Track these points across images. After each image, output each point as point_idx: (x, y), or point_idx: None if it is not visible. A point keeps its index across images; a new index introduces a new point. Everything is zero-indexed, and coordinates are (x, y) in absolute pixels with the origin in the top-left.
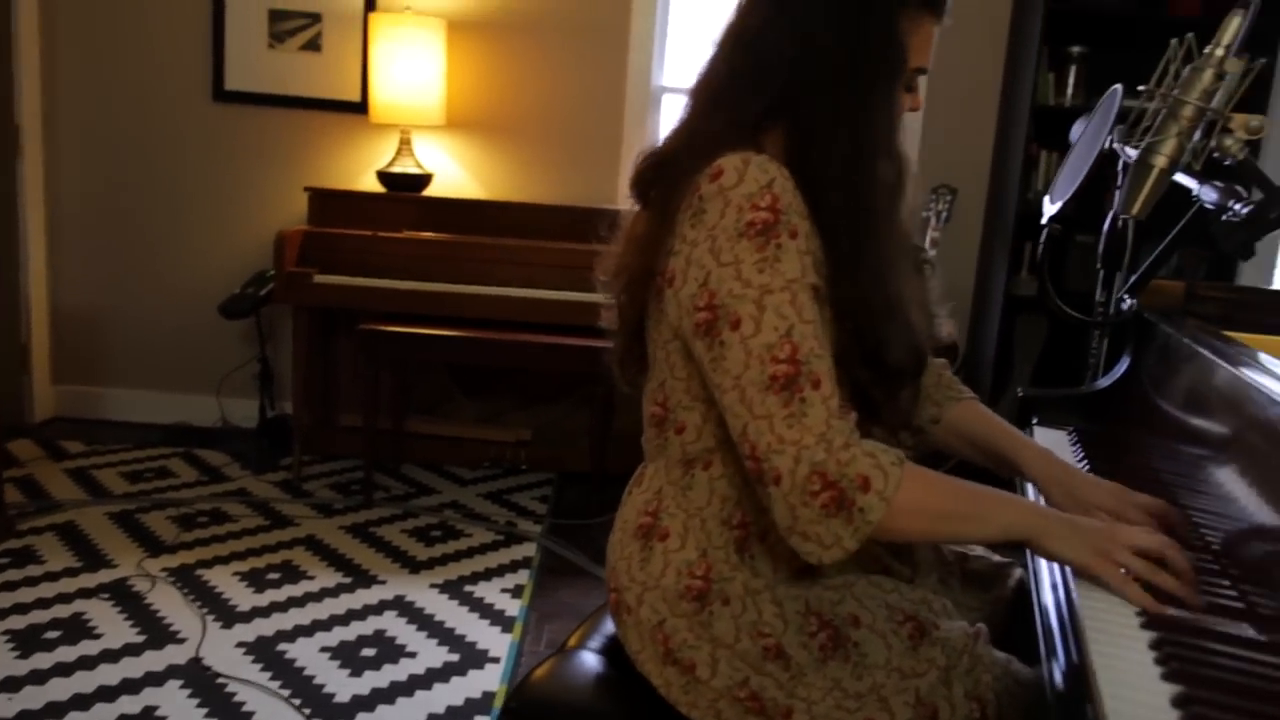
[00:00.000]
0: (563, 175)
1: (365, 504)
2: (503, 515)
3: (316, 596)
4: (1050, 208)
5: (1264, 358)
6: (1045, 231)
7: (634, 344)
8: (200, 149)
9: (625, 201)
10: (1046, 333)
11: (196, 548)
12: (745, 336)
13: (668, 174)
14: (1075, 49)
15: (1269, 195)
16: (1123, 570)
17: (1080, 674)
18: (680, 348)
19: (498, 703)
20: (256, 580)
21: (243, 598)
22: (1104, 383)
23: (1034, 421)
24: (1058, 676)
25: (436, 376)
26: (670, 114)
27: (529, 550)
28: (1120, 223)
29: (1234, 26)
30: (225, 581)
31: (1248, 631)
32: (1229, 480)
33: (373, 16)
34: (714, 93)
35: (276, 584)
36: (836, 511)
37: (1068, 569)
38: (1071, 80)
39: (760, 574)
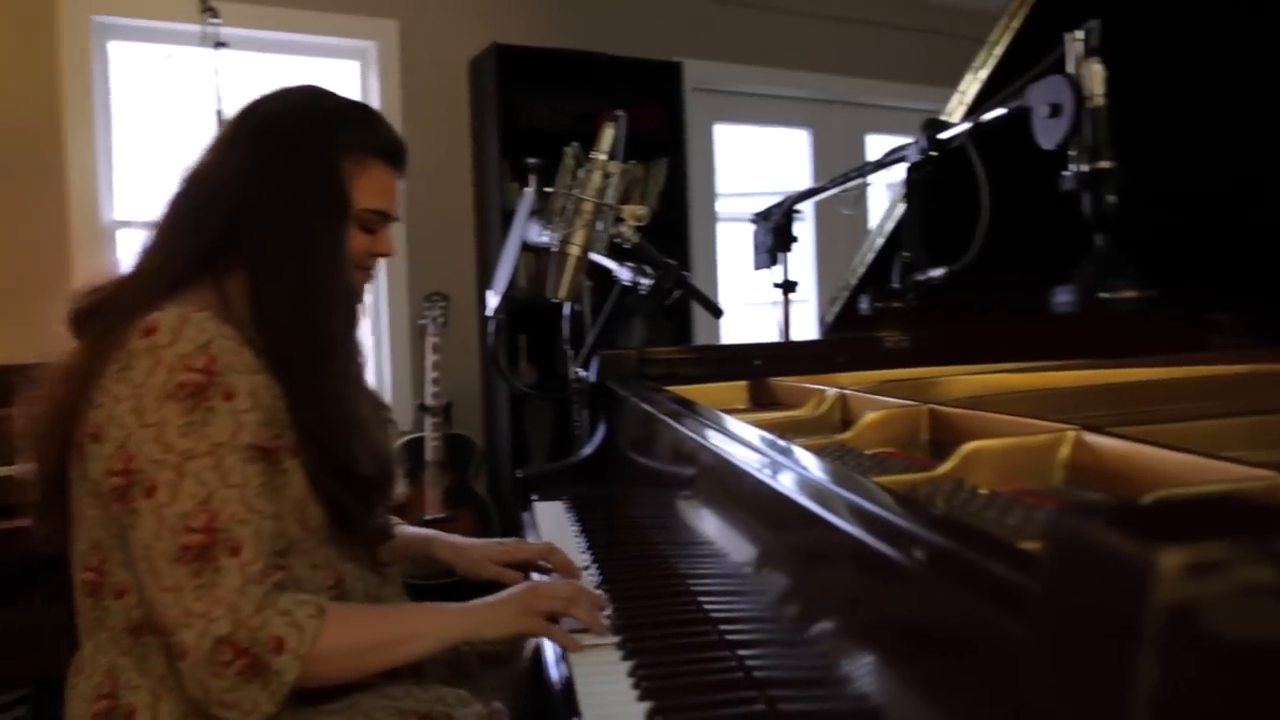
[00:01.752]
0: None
1: None
2: None
3: None
4: (492, 300)
5: (706, 412)
6: (493, 322)
7: (55, 494)
8: None
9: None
10: (554, 414)
11: None
12: (159, 505)
13: (107, 311)
14: (531, 160)
15: (664, 271)
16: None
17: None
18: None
19: None
20: None
21: None
22: (588, 451)
23: (533, 498)
24: None
25: None
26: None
27: None
28: (577, 307)
29: (609, 135)
30: None
31: (722, 668)
32: (693, 515)
33: None
34: (162, 230)
35: None
36: (252, 677)
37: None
38: (532, 186)
39: None
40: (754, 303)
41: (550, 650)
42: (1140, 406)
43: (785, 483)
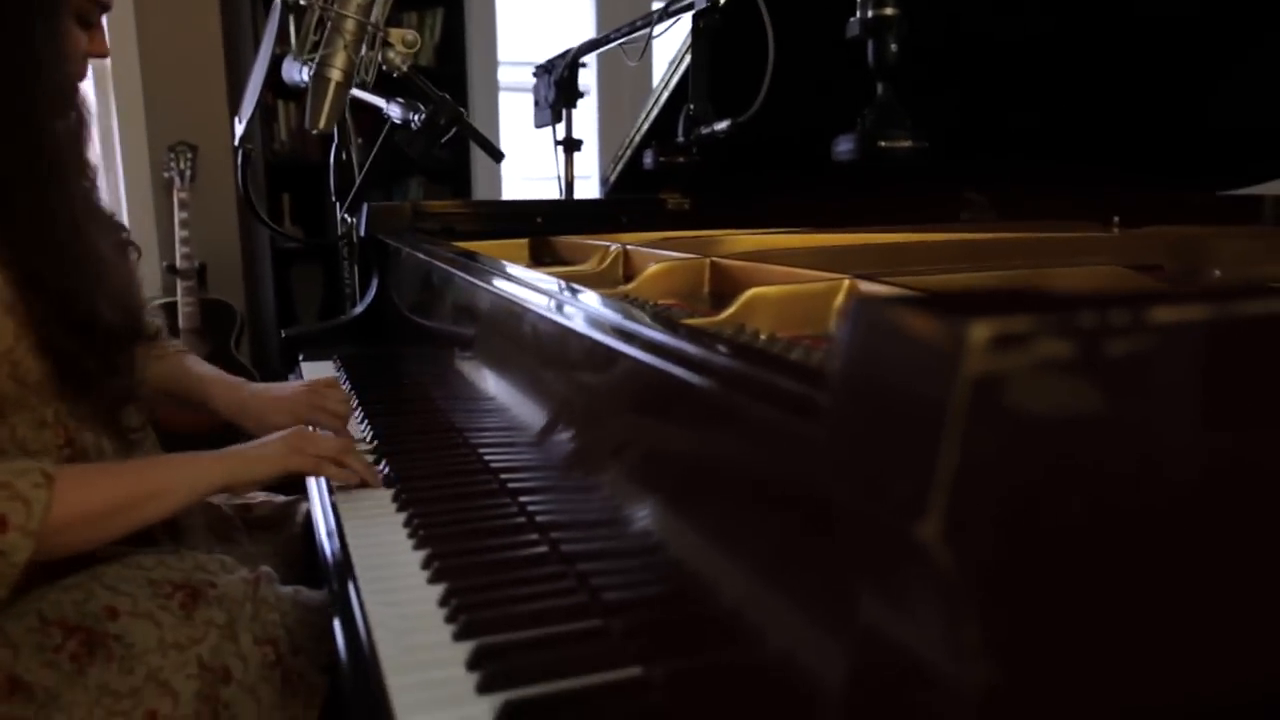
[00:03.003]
0: None
1: None
2: None
3: None
4: (239, 127)
5: (486, 260)
6: (240, 153)
7: None
8: None
9: None
10: (323, 277)
11: None
12: None
13: None
14: None
15: (436, 104)
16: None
17: (345, 577)
18: None
19: None
20: None
21: None
22: (359, 309)
23: (300, 358)
24: (333, 588)
25: None
26: None
27: None
28: (344, 155)
29: None
30: None
31: (502, 514)
32: (473, 368)
33: None
34: None
35: None
36: None
37: (329, 494)
38: (293, 27)
39: None
40: (537, 177)
41: (319, 508)
42: (905, 265)
43: (575, 320)
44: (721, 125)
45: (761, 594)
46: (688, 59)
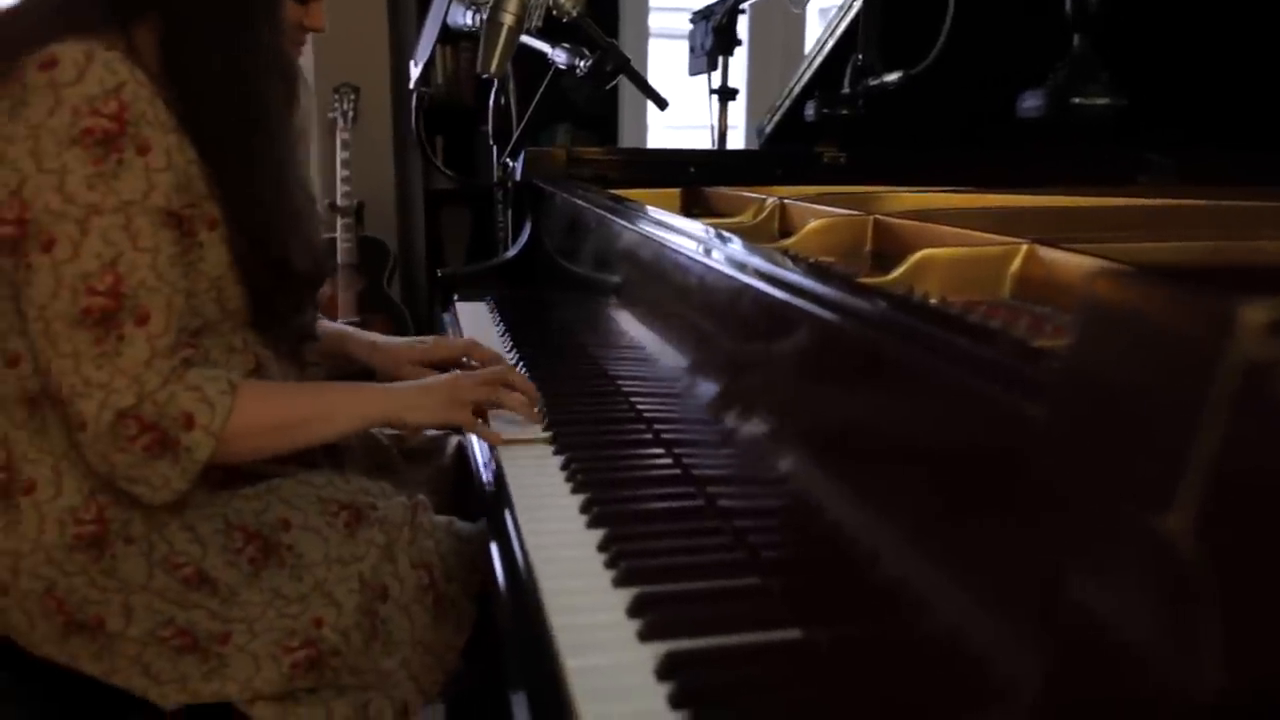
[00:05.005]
0: None
1: None
2: None
3: None
4: (414, 71)
5: (646, 208)
6: (415, 96)
7: None
8: None
9: None
10: (471, 219)
11: None
12: (58, 261)
13: None
14: None
15: (604, 50)
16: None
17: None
18: None
19: None
20: None
21: None
22: (512, 252)
23: (455, 298)
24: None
25: None
26: None
27: None
28: (503, 100)
29: None
30: None
31: (659, 466)
32: (627, 323)
33: None
34: None
35: None
36: (161, 453)
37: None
38: None
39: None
40: (681, 126)
41: (476, 444)
42: (1083, 230)
43: (748, 274)
44: (892, 77)
45: (936, 567)
46: (857, 5)
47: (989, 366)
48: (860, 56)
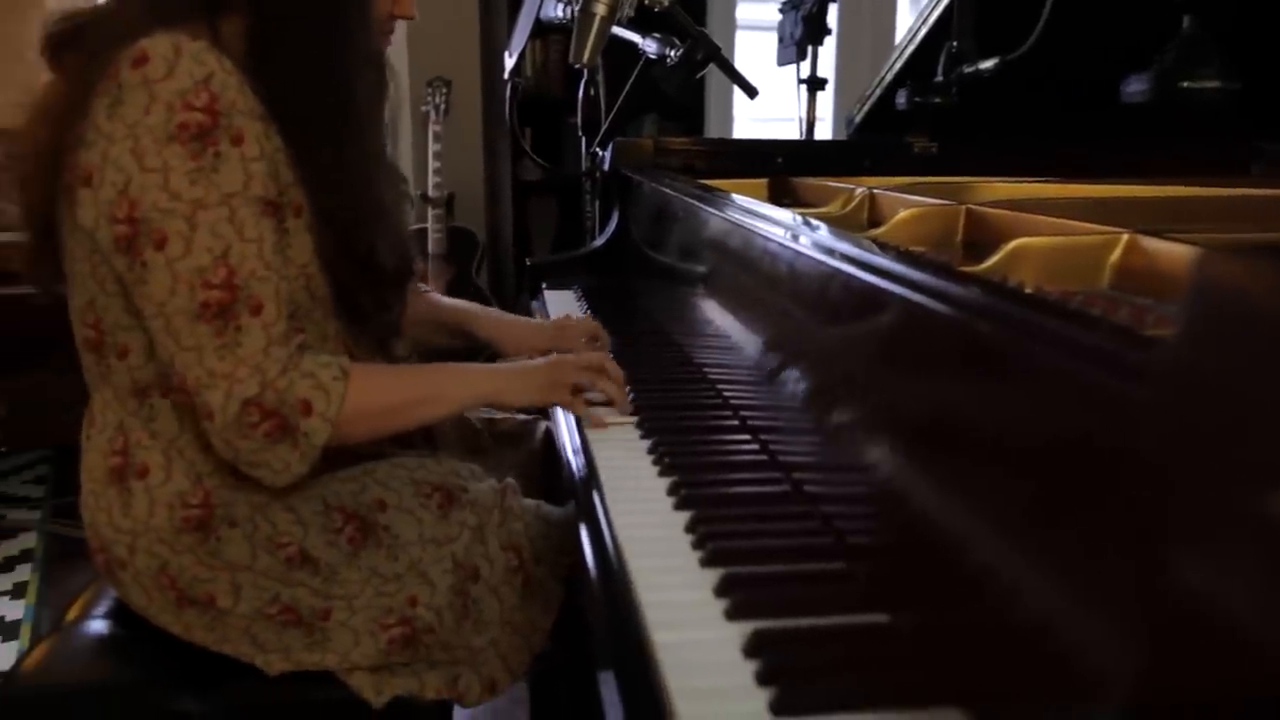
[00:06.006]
0: None
1: None
2: None
3: None
4: (509, 63)
5: (735, 197)
6: (510, 84)
7: (44, 244)
8: None
9: None
10: (557, 210)
11: None
12: (172, 259)
13: (88, 40)
14: None
15: (694, 39)
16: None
17: (593, 496)
18: (108, 259)
19: None
20: None
21: None
22: (600, 241)
23: (544, 286)
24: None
25: None
26: None
27: (28, 541)
28: (592, 91)
29: None
30: None
31: (745, 451)
32: (713, 311)
33: None
34: None
35: None
36: (282, 438)
37: (574, 419)
38: None
39: (266, 486)
40: (767, 117)
41: (565, 429)
42: (1189, 221)
43: (840, 261)
44: (988, 64)
45: (1030, 555)
46: None
47: (1094, 352)
48: (955, 44)
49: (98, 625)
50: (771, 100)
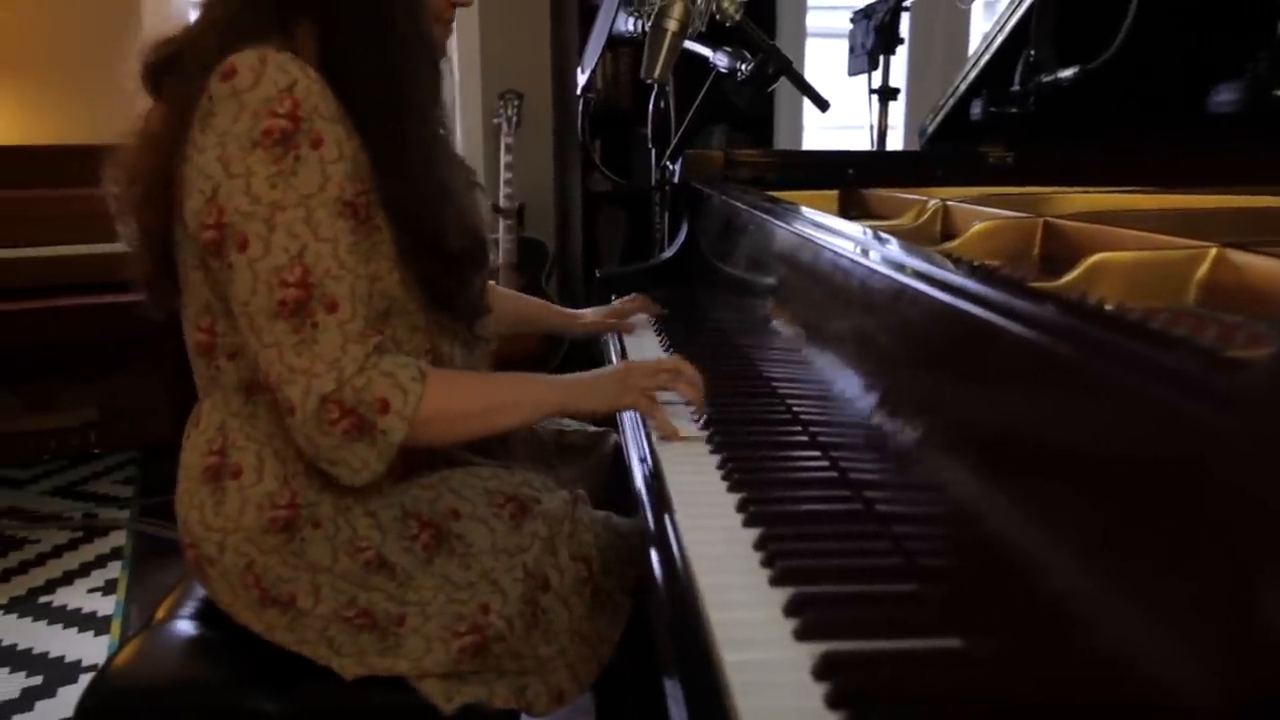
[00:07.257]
0: (75, 108)
1: None
2: (79, 508)
3: None
4: (581, 77)
5: (804, 210)
6: (582, 100)
7: (162, 263)
8: None
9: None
10: (626, 221)
11: None
12: (253, 259)
13: (183, 63)
14: None
15: (765, 53)
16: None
17: (662, 511)
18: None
19: None
20: None
21: None
22: (669, 253)
23: (613, 297)
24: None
25: None
26: None
27: (118, 540)
28: (663, 104)
29: None
30: None
31: (815, 468)
32: (781, 325)
33: None
34: None
35: None
36: (360, 436)
37: (646, 429)
38: None
39: (349, 490)
40: (837, 127)
41: (633, 442)
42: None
43: (912, 278)
44: (1067, 73)
45: (1106, 580)
46: None
47: (1173, 376)
48: (1032, 52)
49: (184, 625)
50: (842, 109)
